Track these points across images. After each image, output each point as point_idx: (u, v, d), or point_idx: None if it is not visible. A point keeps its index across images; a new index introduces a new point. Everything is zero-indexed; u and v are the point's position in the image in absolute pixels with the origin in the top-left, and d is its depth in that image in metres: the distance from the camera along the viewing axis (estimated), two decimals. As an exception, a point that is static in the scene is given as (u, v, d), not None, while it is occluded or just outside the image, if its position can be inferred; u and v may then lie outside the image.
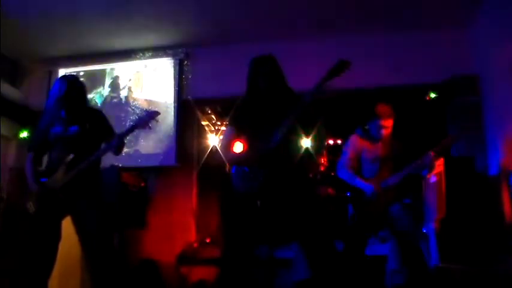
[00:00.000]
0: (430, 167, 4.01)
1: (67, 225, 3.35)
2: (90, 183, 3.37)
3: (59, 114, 3.46)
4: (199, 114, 6.23)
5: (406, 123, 5.43)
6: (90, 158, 3.29)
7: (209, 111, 6.48)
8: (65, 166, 3.29)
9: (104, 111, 3.71)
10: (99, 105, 6.25)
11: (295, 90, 3.16)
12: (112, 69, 6.48)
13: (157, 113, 3.44)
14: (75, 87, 3.49)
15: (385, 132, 4.06)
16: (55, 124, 3.45)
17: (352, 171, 4.08)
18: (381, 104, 4.13)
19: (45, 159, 3.57)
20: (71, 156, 3.30)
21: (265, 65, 3.04)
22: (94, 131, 3.45)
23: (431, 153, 3.85)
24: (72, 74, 4.87)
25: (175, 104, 6.13)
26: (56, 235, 3.32)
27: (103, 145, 3.49)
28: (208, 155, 6.21)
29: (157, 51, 6.26)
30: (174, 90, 6.18)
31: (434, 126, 5.68)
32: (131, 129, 3.42)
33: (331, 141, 6.80)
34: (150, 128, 3.42)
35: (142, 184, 5.37)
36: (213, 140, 6.33)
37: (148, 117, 3.40)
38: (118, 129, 3.65)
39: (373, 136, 4.13)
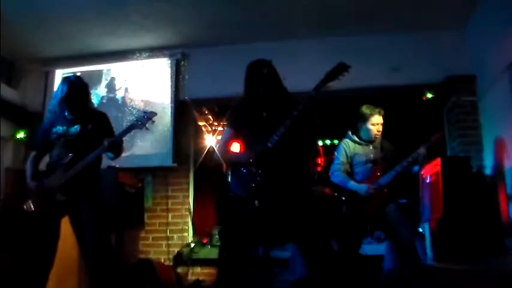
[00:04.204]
0: (421, 163, 4.05)
1: (65, 225, 3.35)
2: (89, 184, 3.38)
3: (63, 114, 3.47)
4: (196, 114, 6.24)
5: (403, 123, 5.47)
6: (88, 158, 3.29)
7: (206, 112, 6.49)
8: (63, 166, 3.29)
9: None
10: (95, 105, 6.23)
11: (294, 90, 3.17)
12: (109, 69, 6.47)
13: (154, 114, 3.43)
14: (77, 88, 3.49)
15: (375, 132, 4.10)
16: (57, 124, 3.46)
17: (344, 175, 4.13)
18: (365, 105, 4.18)
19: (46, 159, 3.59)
20: (70, 156, 3.30)
21: (262, 69, 3.04)
22: (96, 132, 3.44)
23: (421, 149, 3.90)
24: (74, 74, 4.82)
25: (172, 105, 6.13)
26: (54, 234, 3.32)
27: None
28: (205, 155, 6.22)
29: (154, 51, 6.25)
30: (171, 90, 6.18)
31: (431, 126, 5.69)
32: (128, 130, 3.41)
33: (328, 142, 6.83)
34: (147, 128, 3.41)
35: (140, 184, 5.37)
36: (210, 141, 6.34)
37: (145, 118, 3.40)
38: (115, 130, 3.66)
39: (363, 139, 4.17)
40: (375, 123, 4.10)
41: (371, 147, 4.16)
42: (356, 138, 4.20)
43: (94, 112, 3.67)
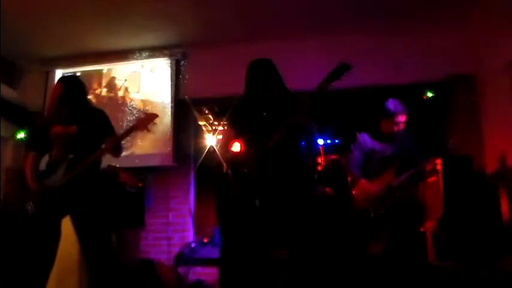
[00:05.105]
0: (434, 171, 4.03)
1: (65, 225, 3.35)
2: (89, 184, 3.38)
3: (60, 113, 3.47)
4: (196, 114, 6.23)
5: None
6: (88, 159, 3.29)
7: (206, 111, 6.48)
8: (64, 166, 3.29)
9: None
10: (95, 105, 6.23)
11: (294, 90, 3.17)
12: (109, 69, 6.48)
13: (155, 116, 3.44)
14: (71, 88, 3.49)
15: (397, 129, 4.02)
16: (56, 123, 3.46)
17: (358, 171, 4.08)
18: (391, 100, 4.07)
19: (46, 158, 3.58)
20: (71, 156, 3.31)
21: (263, 68, 3.04)
22: (94, 131, 3.45)
23: (435, 159, 3.86)
24: (72, 74, 4.83)
25: (172, 104, 6.12)
26: (55, 234, 3.33)
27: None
28: (205, 155, 6.21)
29: (154, 51, 6.25)
30: (171, 90, 6.17)
31: (431, 125, 5.69)
32: (129, 131, 3.42)
33: (328, 141, 6.81)
34: (148, 130, 3.42)
35: (140, 184, 5.37)
36: (210, 140, 6.32)
37: (147, 120, 3.40)
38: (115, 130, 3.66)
39: (383, 134, 4.10)
40: (399, 121, 3.98)
41: (389, 144, 4.09)
42: (376, 134, 4.13)
43: (92, 110, 3.66)
